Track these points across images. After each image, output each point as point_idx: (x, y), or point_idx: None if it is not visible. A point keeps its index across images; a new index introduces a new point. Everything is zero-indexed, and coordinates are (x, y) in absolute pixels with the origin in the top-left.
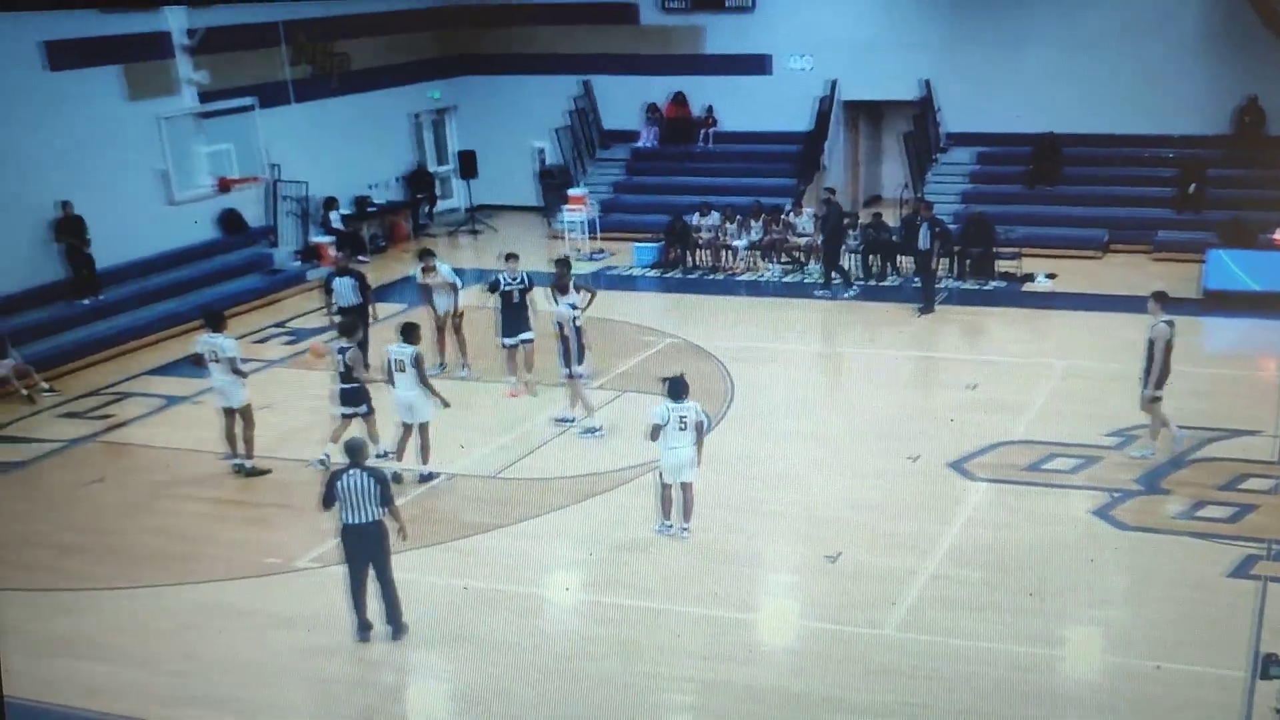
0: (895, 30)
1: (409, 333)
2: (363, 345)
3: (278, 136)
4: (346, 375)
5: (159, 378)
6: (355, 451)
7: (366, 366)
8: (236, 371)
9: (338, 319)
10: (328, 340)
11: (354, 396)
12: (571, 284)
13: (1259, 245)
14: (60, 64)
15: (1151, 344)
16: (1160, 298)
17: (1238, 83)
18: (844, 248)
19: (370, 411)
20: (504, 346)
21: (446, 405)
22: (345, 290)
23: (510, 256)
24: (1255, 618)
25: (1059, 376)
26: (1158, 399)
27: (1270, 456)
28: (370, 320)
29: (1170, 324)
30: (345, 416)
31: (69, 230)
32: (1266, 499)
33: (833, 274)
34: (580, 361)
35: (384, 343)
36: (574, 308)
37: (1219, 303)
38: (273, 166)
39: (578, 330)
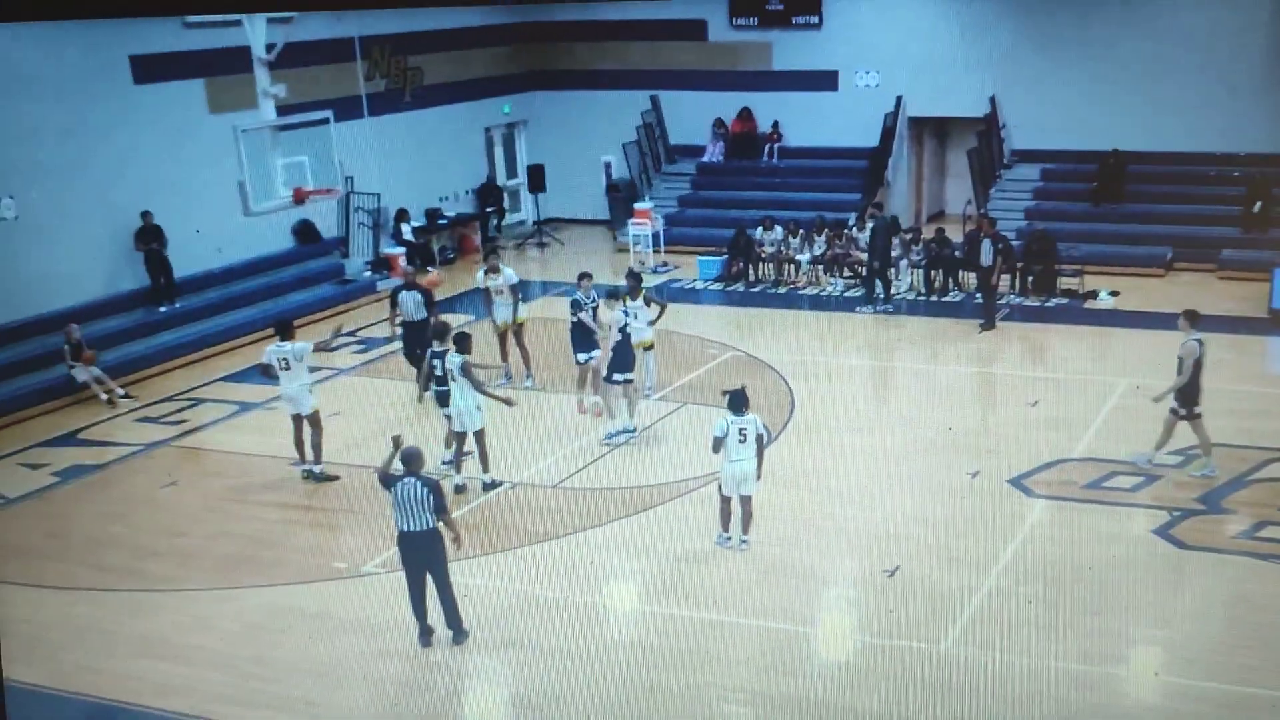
0: (962, 47)
1: (460, 342)
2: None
3: (352, 149)
4: (444, 378)
5: (233, 384)
6: (411, 459)
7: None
8: (321, 348)
9: (399, 330)
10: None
11: (450, 398)
12: (643, 295)
13: None
14: (145, 77)
15: (1181, 361)
16: (1191, 316)
17: None
18: (905, 262)
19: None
20: (578, 364)
21: (511, 404)
22: (411, 304)
23: (584, 276)
24: None
25: (1121, 394)
26: (1197, 416)
27: None
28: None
29: (1200, 342)
30: (449, 417)
31: (149, 238)
32: None
33: (882, 287)
34: (622, 370)
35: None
36: (626, 314)
37: None
38: (347, 179)
39: (626, 336)
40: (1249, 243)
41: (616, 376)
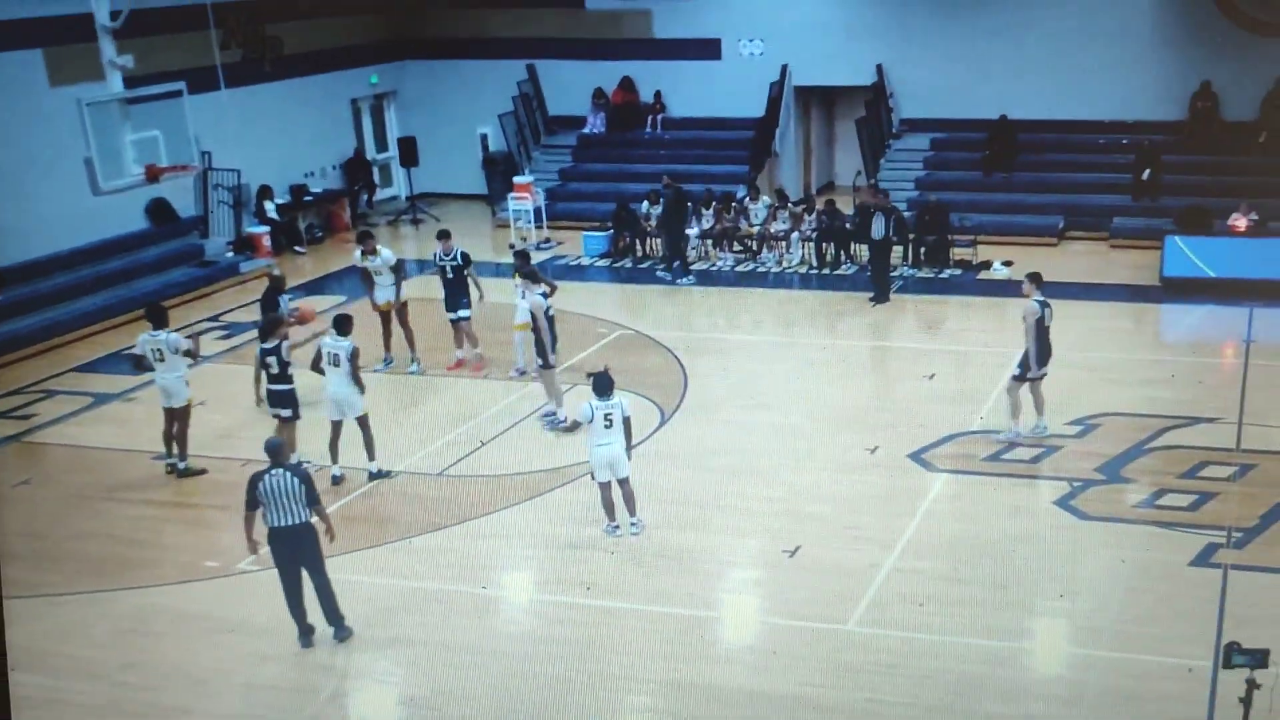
0: (847, 14)
1: (342, 325)
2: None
3: (208, 123)
4: (280, 375)
5: (87, 374)
6: (275, 451)
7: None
8: (189, 355)
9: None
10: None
11: (286, 398)
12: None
13: (1216, 232)
14: None
15: (1026, 324)
16: (1035, 279)
17: (1192, 68)
18: (796, 235)
19: (296, 417)
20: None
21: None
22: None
23: (441, 234)
24: (1218, 606)
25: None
26: (1022, 380)
27: (1229, 443)
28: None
29: (1042, 304)
30: (281, 419)
31: None
32: (1226, 486)
33: (674, 259)
34: (553, 351)
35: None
36: (545, 296)
37: (1178, 290)
38: (204, 154)
39: (550, 320)
40: (1140, 210)
41: (552, 359)
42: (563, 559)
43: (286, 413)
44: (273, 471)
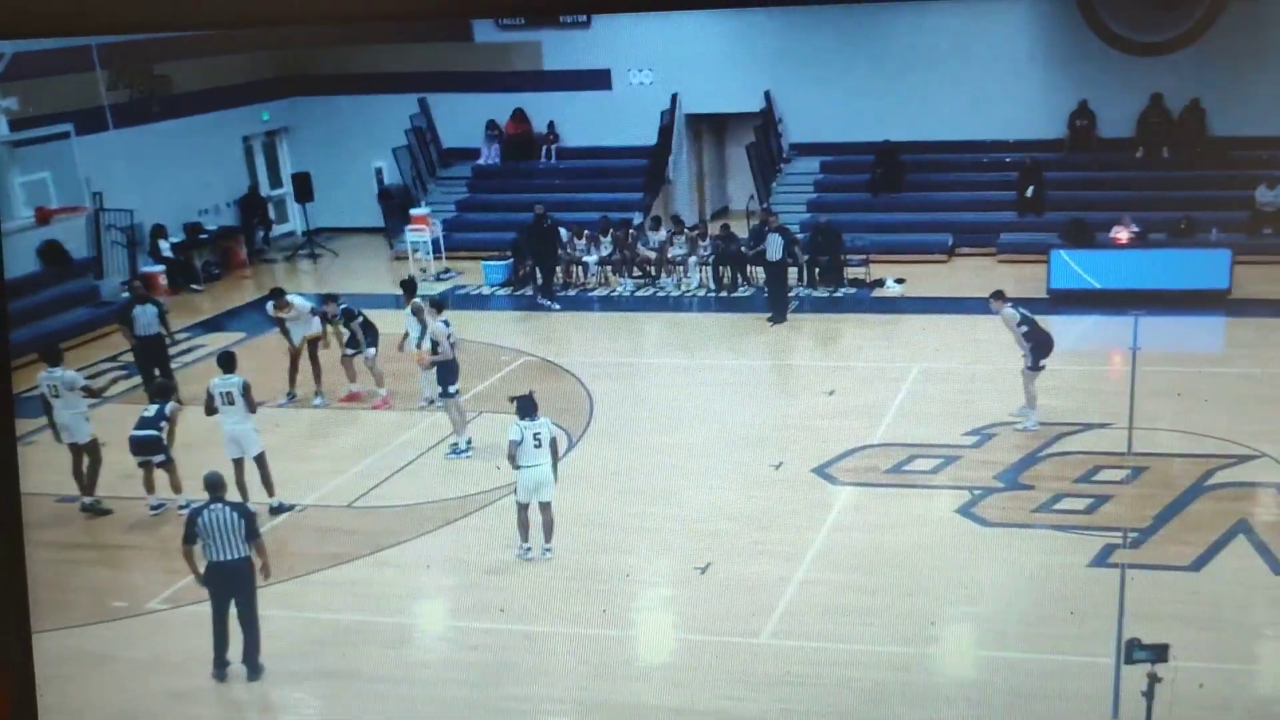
0: (733, 43)
1: (228, 363)
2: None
3: (98, 164)
4: (145, 423)
5: None
6: (215, 486)
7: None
8: (88, 392)
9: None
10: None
11: (155, 445)
12: (411, 305)
13: (1098, 244)
14: None
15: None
16: (998, 295)
17: (1070, 88)
18: (694, 259)
19: (169, 459)
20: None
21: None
22: (148, 318)
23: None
24: (1118, 604)
25: (913, 379)
26: (1033, 371)
27: (1121, 448)
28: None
29: (1015, 307)
30: (144, 465)
31: None
32: (1120, 489)
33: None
34: (454, 380)
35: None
36: (448, 324)
37: (1064, 301)
38: (95, 195)
39: (453, 347)
40: (1025, 226)
41: (452, 389)
42: (476, 584)
43: (159, 458)
44: (212, 506)
